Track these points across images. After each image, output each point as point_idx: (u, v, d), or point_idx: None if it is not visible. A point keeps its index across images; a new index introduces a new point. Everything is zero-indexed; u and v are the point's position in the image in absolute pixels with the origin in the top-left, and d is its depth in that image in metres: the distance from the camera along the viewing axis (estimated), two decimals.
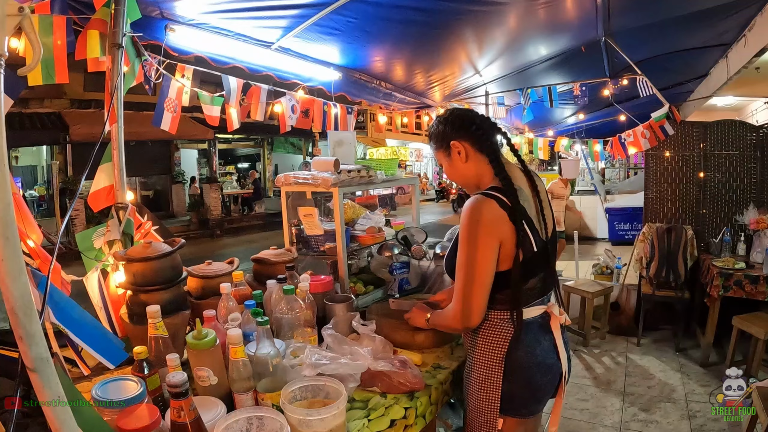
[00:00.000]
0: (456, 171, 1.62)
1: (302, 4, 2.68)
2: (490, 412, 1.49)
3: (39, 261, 1.55)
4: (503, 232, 1.41)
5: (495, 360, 1.48)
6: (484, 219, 1.41)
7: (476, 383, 1.52)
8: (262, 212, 16.70)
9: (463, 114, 1.61)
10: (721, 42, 4.20)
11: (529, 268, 1.47)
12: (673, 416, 3.28)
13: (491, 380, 1.49)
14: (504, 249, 1.42)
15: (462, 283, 1.44)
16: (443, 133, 1.60)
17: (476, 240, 1.41)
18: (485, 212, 1.41)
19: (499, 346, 1.48)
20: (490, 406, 1.49)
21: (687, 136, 4.93)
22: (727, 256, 4.22)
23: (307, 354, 1.45)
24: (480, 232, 1.41)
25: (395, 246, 2.48)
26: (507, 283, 1.45)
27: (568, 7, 3.40)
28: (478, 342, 1.53)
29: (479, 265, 1.41)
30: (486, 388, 1.50)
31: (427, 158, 28.05)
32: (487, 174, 1.55)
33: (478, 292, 1.42)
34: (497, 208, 1.41)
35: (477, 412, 1.52)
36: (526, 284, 1.48)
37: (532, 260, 1.46)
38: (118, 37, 1.99)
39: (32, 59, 0.94)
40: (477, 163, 1.57)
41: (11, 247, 0.77)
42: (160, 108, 2.51)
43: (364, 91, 4.29)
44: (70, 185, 11.55)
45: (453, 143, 1.57)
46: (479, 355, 1.52)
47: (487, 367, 1.50)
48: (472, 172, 1.58)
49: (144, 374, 1.24)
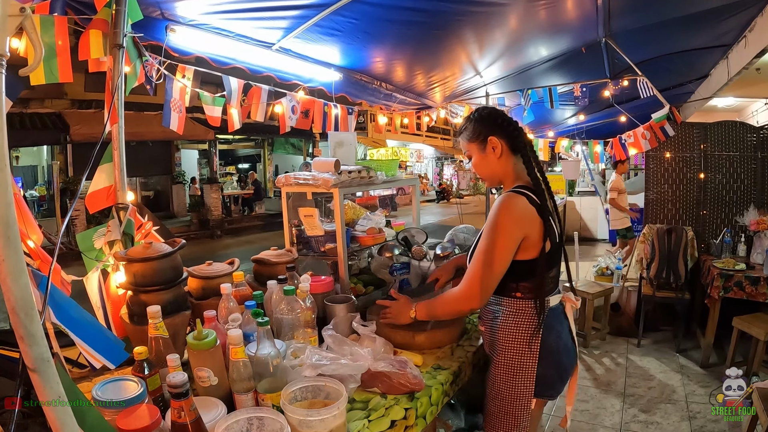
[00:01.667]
0: (486, 165, 1.70)
1: (303, 5, 2.68)
2: (526, 395, 1.60)
3: (39, 261, 1.55)
4: (531, 226, 1.54)
5: (528, 345, 1.59)
6: (516, 214, 1.54)
7: (509, 370, 1.62)
8: (262, 213, 16.71)
9: (503, 113, 1.71)
10: (722, 43, 4.20)
11: (553, 258, 1.62)
12: (673, 417, 3.28)
13: (525, 365, 1.60)
14: (529, 241, 1.55)
15: (480, 266, 1.55)
16: (482, 126, 1.68)
17: (505, 232, 1.53)
18: (516, 208, 1.54)
19: (529, 333, 1.59)
20: (526, 389, 1.60)
21: (687, 137, 4.93)
22: (727, 257, 4.22)
23: (308, 354, 1.45)
24: (509, 225, 1.53)
25: (396, 247, 2.48)
26: (532, 272, 1.57)
27: (569, 8, 3.40)
28: (507, 331, 1.62)
29: (499, 254, 1.53)
30: (522, 372, 1.60)
31: (427, 159, 28.05)
32: (513, 173, 1.67)
33: (493, 280, 1.55)
34: (527, 204, 1.54)
35: (511, 397, 1.62)
36: (551, 272, 1.65)
37: (554, 250, 1.61)
38: (119, 38, 1.99)
39: (34, 59, 0.94)
40: (508, 160, 1.67)
41: (12, 247, 0.77)
42: (168, 109, 2.53)
43: (364, 91, 4.29)
44: (71, 185, 11.55)
45: (491, 138, 1.66)
46: (509, 343, 1.62)
47: (521, 353, 1.60)
48: (501, 168, 1.69)
49: (144, 374, 1.25)
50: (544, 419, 3.27)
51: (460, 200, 19.93)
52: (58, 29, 1.81)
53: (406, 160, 24.84)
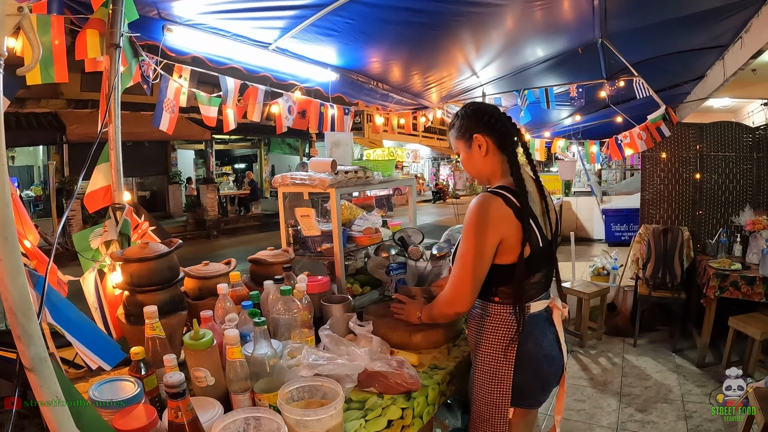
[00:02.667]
0: (473, 163, 1.66)
1: (300, 5, 2.68)
2: (501, 404, 1.55)
3: (36, 261, 1.55)
4: (506, 228, 1.48)
5: (504, 352, 1.54)
6: (489, 216, 1.48)
7: (485, 376, 1.57)
8: (258, 213, 16.65)
9: (491, 110, 1.64)
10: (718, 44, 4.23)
11: (534, 264, 1.54)
12: (669, 417, 3.29)
13: (501, 372, 1.55)
14: (506, 244, 1.49)
15: (459, 270, 1.53)
16: (468, 123, 1.64)
17: (478, 234, 1.48)
18: (490, 209, 1.49)
19: (506, 339, 1.54)
20: (501, 398, 1.55)
21: (683, 137, 4.95)
22: (723, 257, 4.23)
23: (304, 354, 1.45)
24: (483, 228, 1.48)
25: (392, 247, 2.48)
26: (512, 277, 1.51)
27: (565, 9, 3.41)
28: (484, 336, 1.58)
29: (477, 259, 1.49)
30: (497, 380, 1.55)
31: (423, 159, 28.06)
32: (500, 171, 1.62)
33: (474, 283, 1.51)
34: (503, 205, 1.49)
35: (487, 405, 1.57)
36: (533, 277, 1.57)
37: (537, 256, 1.53)
38: (115, 38, 1.99)
39: (31, 59, 0.94)
40: (494, 159, 1.62)
41: (9, 247, 0.77)
42: (160, 108, 2.51)
43: (361, 92, 4.28)
44: (67, 185, 11.50)
45: (476, 136, 1.61)
46: (486, 348, 1.58)
47: (496, 360, 1.55)
48: (488, 166, 1.64)
49: (141, 375, 1.24)
50: (540, 418, 3.27)
51: (457, 200, 19.98)
52: (55, 29, 1.81)
53: (403, 161, 24.86)
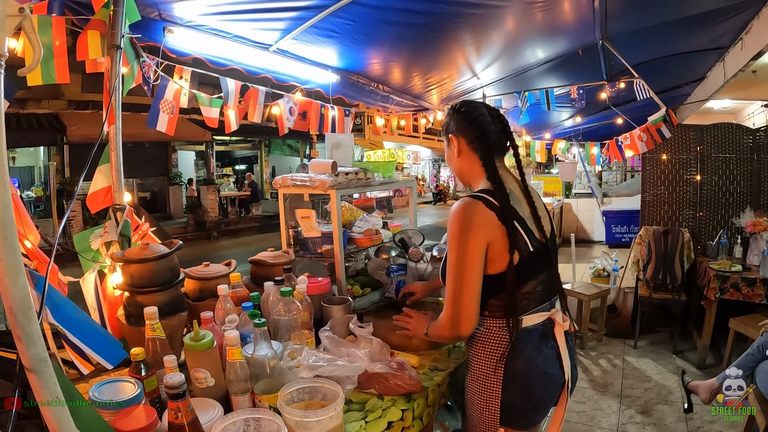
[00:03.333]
0: (452, 162, 1.65)
1: (300, 7, 2.68)
2: (491, 423, 1.47)
3: (36, 262, 1.55)
4: (491, 232, 1.39)
5: (492, 370, 1.45)
6: (470, 221, 1.39)
7: (476, 393, 1.49)
8: (259, 214, 16.67)
9: (470, 111, 1.58)
10: (718, 45, 4.23)
11: (526, 270, 1.44)
12: (669, 418, 3.28)
13: (490, 391, 1.46)
14: (494, 249, 1.40)
15: (452, 287, 1.41)
16: (447, 123, 1.63)
17: (462, 242, 1.39)
18: (471, 214, 1.40)
19: (496, 356, 1.45)
20: (490, 417, 1.46)
21: (684, 139, 4.95)
22: (723, 258, 4.23)
23: (305, 356, 1.45)
24: (466, 234, 1.38)
25: (392, 248, 2.49)
26: (502, 287, 1.41)
27: (566, 11, 3.41)
28: (474, 351, 1.51)
29: (467, 268, 1.38)
30: (485, 398, 1.47)
31: (424, 161, 28.05)
32: (479, 174, 1.54)
33: (468, 296, 1.39)
34: (484, 208, 1.40)
35: (478, 422, 1.50)
36: (525, 287, 1.45)
37: (529, 261, 1.43)
38: (116, 39, 1.99)
39: (32, 60, 0.94)
40: (469, 160, 1.57)
41: (10, 247, 0.77)
42: (155, 109, 2.49)
43: (361, 93, 4.28)
44: (67, 186, 11.53)
45: (451, 136, 1.60)
46: (476, 364, 1.50)
47: (486, 377, 1.47)
48: (465, 167, 1.60)
49: (141, 376, 1.24)
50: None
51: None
52: (56, 30, 1.81)
53: (403, 162, 24.84)
